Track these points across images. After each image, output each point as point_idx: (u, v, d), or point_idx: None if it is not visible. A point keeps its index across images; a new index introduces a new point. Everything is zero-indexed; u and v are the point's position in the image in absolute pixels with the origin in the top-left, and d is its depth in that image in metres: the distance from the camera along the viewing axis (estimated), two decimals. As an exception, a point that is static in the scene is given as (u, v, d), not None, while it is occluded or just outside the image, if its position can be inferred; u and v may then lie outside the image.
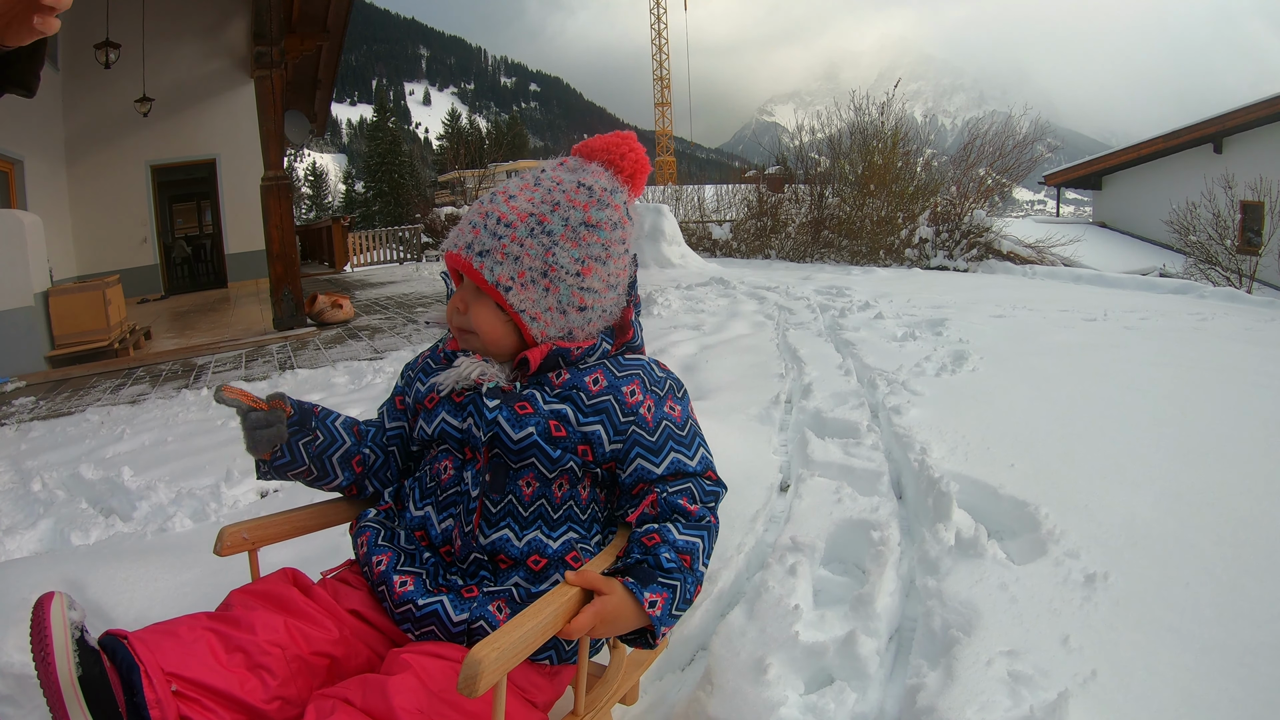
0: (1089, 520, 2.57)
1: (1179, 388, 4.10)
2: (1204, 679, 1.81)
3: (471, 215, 1.42)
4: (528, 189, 1.42)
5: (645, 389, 1.43)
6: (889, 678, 2.02)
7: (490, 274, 1.36)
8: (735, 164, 55.29)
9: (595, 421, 1.39)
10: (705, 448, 1.44)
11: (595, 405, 1.39)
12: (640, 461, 1.39)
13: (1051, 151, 18.67)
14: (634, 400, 1.40)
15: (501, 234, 1.36)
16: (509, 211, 1.38)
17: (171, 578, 1.88)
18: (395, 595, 1.36)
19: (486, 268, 1.36)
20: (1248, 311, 7.31)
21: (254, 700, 1.17)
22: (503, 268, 1.36)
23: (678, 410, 1.44)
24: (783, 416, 4.17)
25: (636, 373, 1.44)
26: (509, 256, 1.36)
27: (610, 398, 1.39)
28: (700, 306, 8.48)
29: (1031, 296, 8.32)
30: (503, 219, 1.37)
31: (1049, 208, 40.85)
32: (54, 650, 1.05)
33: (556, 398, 1.39)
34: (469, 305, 1.40)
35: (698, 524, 1.35)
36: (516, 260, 1.36)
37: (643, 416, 1.40)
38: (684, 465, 1.39)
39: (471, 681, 0.97)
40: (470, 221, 1.40)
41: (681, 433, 1.42)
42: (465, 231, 1.40)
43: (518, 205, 1.39)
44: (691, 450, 1.41)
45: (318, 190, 74.99)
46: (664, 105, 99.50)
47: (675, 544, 1.31)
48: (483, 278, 1.36)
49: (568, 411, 1.38)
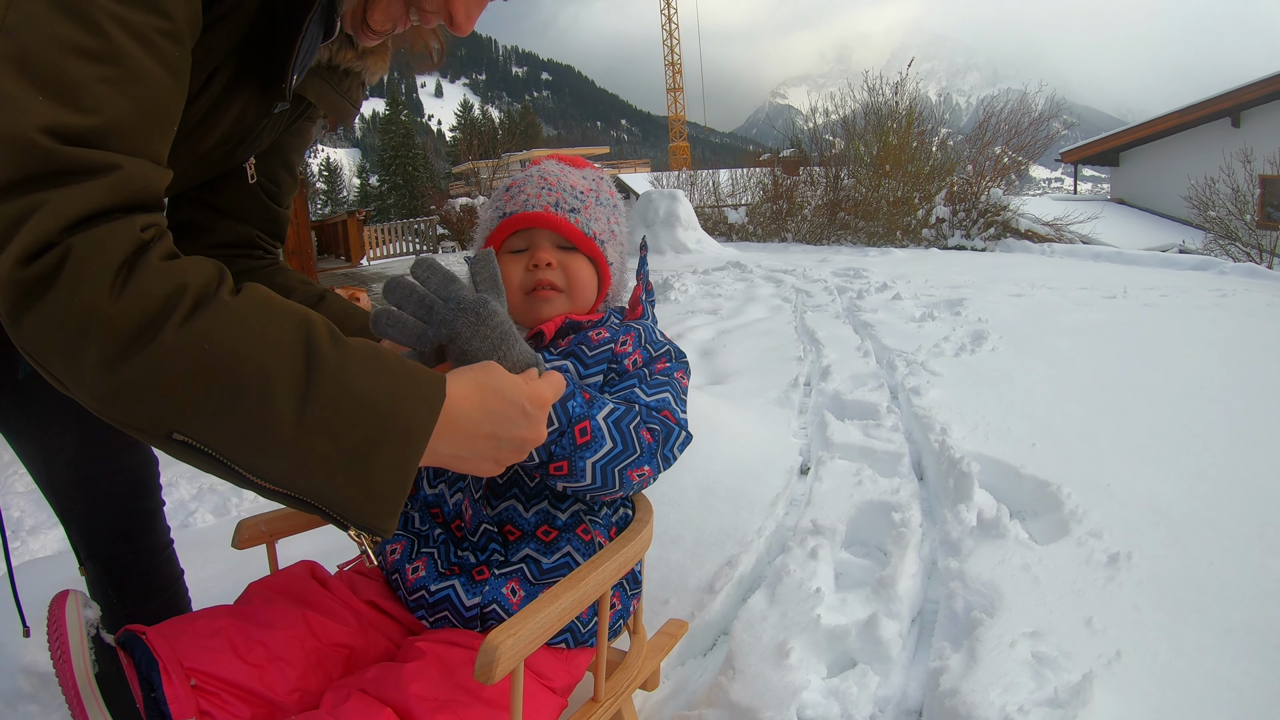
0: (1111, 500, 2.56)
1: (1200, 365, 4.06)
2: (1228, 659, 1.79)
3: (533, 184, 1.48)
4: (567, 172, 1.53)
5: (639, 344, 1.43)
6: (911, 660, 2.01)
7: (587, 228, 1.47)
8: (749, 148, 55.18)
9: (597, 372, 1.39)
10: (674, 399, 1.38)
11: (596, 356, 1.40)
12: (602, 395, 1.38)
13: (1067, 128, 18.54)
14: (622, 349, 1.41)
15: (582, 198, 1.48)
16: (576, 183, 1.50)
17: (193, 573, 1.89)
18: (408, 583, 1.36)
19: (582, 223, 1.46)
20: (1269, 287, 7.22)
21: (273, 693, 1.17)
22: (594, 224, 1.48)
23: (663, 367, 1.43)
24: (802, 399, 4.16)
25: (636, 329, 1.45)
26: (593, 217, 1.48)
27: (610, 347, 1.41)
28: (717, 291, 8.45)
29: (1050, 275, 8.26)
30: (574, 187, 1.49)
31: (1066, 185, 40.53)
32: (70, 648, 1.05)
33: (559, 355, 1.41)
34: (558, 261, 1.45)
35: (622, 405, 1.31)
36: (598, 220, 1.49)
37: (625, 366, 1.40)
38: (636, 397, 1.35)
39: (488, 668, 0.96)
40: (541, 187, 1.47)
41: (650, 377, 1.39)
42: (540, 195, 1.46)
43: (576, 180, 1.51)
44: (651, 390, 1.36)
45: (333, 185, 75.36)
46: (676, 91, 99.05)
47: (584, 385, 1.31)
48: (580, 232, 1.46)
49: (570, 366, 1.39)
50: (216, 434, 0.84)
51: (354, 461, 0.89)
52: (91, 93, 0.82)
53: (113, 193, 0.82)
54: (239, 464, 0.86)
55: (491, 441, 1.03)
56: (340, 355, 0.89)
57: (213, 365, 0.82)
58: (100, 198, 0.81)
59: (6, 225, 0.79)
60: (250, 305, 0.86)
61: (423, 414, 0.94)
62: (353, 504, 0.91)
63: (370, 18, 1.15)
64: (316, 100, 1.34)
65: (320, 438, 0.87)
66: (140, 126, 0.87)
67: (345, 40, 1.25)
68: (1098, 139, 23.16)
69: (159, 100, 0.89)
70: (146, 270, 0.81)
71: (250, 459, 0.86)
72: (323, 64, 1.28)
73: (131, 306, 0.79)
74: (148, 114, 0.88)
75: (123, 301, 0.79)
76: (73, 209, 0.79)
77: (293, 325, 0.88)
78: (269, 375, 0.84)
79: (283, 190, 1.50)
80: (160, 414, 0.82)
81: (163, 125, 0.91)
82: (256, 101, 1.22)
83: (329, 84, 1.33)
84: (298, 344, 0.86)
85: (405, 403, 0.92)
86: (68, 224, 0.79)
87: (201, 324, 0.82)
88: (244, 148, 1.33)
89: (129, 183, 0.84)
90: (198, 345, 0.81)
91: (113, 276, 0.79)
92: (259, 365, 0.84)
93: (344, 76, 1.35)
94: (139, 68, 0.86)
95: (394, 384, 0.92)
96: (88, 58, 0.83)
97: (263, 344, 0.84)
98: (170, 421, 0.83)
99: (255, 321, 0.85)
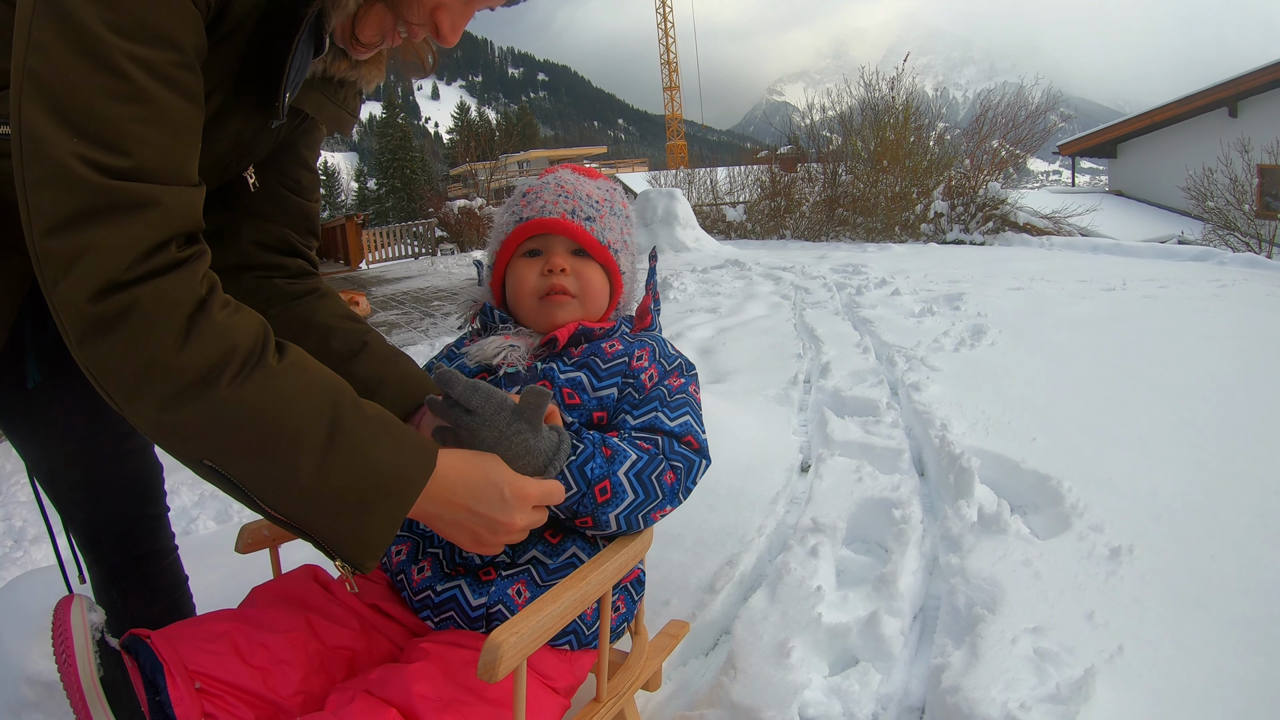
0: (1112, 493, 2.56)
1: (1201, 357, 4.06)
2: (1231, 653, 1.79)
3: (549, 191, 1.52)
4: (584, 180, 1.57)
5: (654, 359, 1.46)
6: (913, 658, 2.01)
7: (603, 237, 1.51)
8: (747, 145, 55.19)
9: (610, 385, 1.42)
10: (695, 420, 1.41)
11: (610, 369, 1.43)
12: (623, 415, 1.40)
13: (1065, 121, 18.52)
14: (639, 364, 1.44)
15: (597, 207, 1.52)
16: (593, 191, 1.54)
17: (196, 579, 1.90)
18: (414, 584, 1.37)
19: (597, 232, 1.51)
20: (1268, 277, 7.21)
21: (277, 695, 1.17)
22: (608, 233, 1.52)
23: (678, 383, 1.45)
24: (801, 397, 4.16)
25: (650, 344, 1.48)
26: (608, 226, 1.53)
27: (624, 360, 1.44)
28: (716, 289, 8.44)
29: (1049, 268, 8.25)
30: (590, 196, 1.53)
31: (1064, 178, 40.50)
32: (75, 652, 1.07)
33: (573, 366, 1.43)
34: (571, 268, 1.49)
35: (646, 452, 1.33)
36: (612, 230, 1.53)
37: (641, 381, 1.42)
38: (661, 423, 1.38)
39: (491, 666, 0.97)
40: (558, 194, 1.51)
41: (670, 398, 1.41)
42: (557, 203, 1.50)
43: (592, 190, 1.55)
44: (674, 413, 1.39)
45: (331, 189, 75.41)
46: (673, 89, 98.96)
47: (609, 442, 1.32)
48: (595, 240, 1.50)
49: (583, 378, 1.42)
50: (245, 473, 0.99)
51: (354, 510, 1.03)
52: (125, 132, 0.91)
53: (164, 224, 0.93)
54: (257, 496, 1.00)
55: (467, 513, 1.15)
56: (358, 424, 1.04)
57: (254, 421, 0.96)
58: (155, 231, 0.92)
59: (68, 259, 0.89)
60: (290, 370, 1.01)
61: (414, 477, 1.08)
62: (344, 543, 1.05)
63: (359, 33, 1.17)
64: (314, 112, 1.36)
65: (331, 489, 1.01)
66: (173, 156, 0.96)
67: (339, 52, 1.26)
68: (1095, 131, 23.15)
69: (184, 127, 0.98)
70: (207, 327, 0.94)
71: (268, 495, 1.01)
72: (318, 76, 1.29)
73: (192, 361, 0.92)
74: (177, 143, 0.97)
75: (184, 356, 0.92)
76: (133, 245, 0.91)
77: (324, 394, 1.03)
78: (299, 435, 0.98)
79: (304, 186, 1.52)
80: (204, 450, 0.97)
81: (190, 149, 1.00)
82: (254, 118, 1.25)
83: (325, 96, 1.35)
84: (325, 411, 1.02)
85: (403, 467, 1.07)
86: (131, 260, 0.90)
87: (250, 385, 0.96)
88: (240, 160, 1.35)
89: (175, 212, 0.95)
90: (244, 403, 0.95)
91: (178, 331, 0.92)
92: (291, 425, 0.98)
93: (340, 87, 1.36)
94: (163, 102, 0.94)
95: (397, 451, 1.07)
96: (115, 98, 0.90)
97: (297, 408, 0.99)
98: (208, 455, 0.97)
99: (293, 388, 1.00)
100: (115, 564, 1.70)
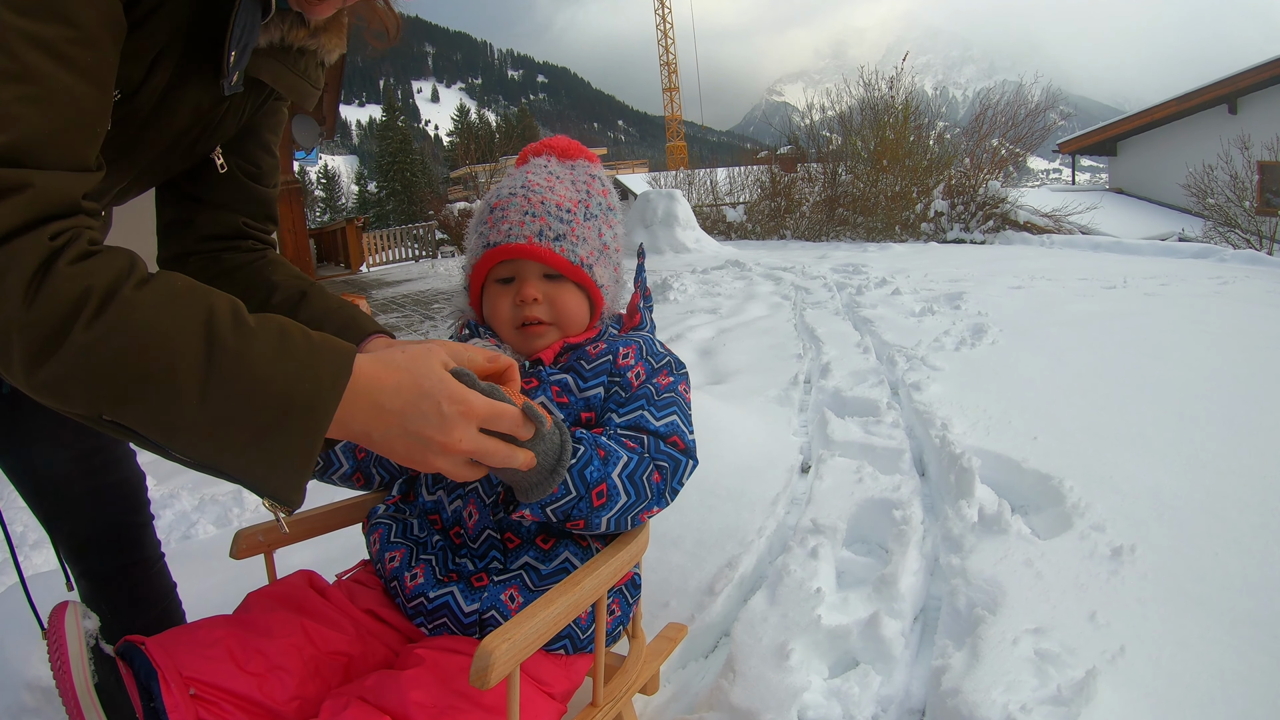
0: (1114, 492, 2.55)
1: (1202, 354, 4.06)
2: (1235, 652, 1.78)
3: (516, 208, 1.43)
4: (554, 180, 1.48)
5: (640, 356, 1.43)
6: (914, 659, 2.00)
7: (573, 255, 1.42)
8: (747, 146, 55.20)
9: (596, 385, 1.40)
10: (683, 420, 1.38)
11: (595, 369, 1.41)
12: (609, 414, 1.38)
13: (1064, 119, 18.50)
14: (625, 362, 1.41)
15: (566, 219, 1.43)
16: (562, 198, 1.45)
17: (193, 585, 1.90)
18: (407, 590, 1.36)
19: (567, 250, 1.42)
20: (1269, 274, 7.20)
21: (272, 701, 1.17)
22: (580, 248, 1.43)
23: (666, 382, 1.42)
24: (802, 397, 4.15)
25: (636, 341, 1.45)
26: (580, 238, 1.44)
27: (609, 358, 1.41)
28: (716, 290, 8.44)
29: (1050, 266, 8.24)
30: (560, 205, 1.44)
31: (1064, 176, 40.49)
32: (69, 659, 1.07)
33: (559, 369, 1.42)
34: (544, 294, 1.43)
35: (634, 452, 1.31)
36: (585, 241, 1.44)
37: (628, 379, 1.40)
38: (646, 422, 1.35)
39: (483, 673, 0.96)
40: (524, 212, 1.42)
41: (657, 396, 1.38)
42: (524, 223, 1.41)
43: (562, 194, 1.46)
44: (660, 412, 1.36)
45: (331, 192, 75.49)
46: (672, 90, 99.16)
47: (600, 442, 1.28)
48: (566, 260, 1.42)
49: (569, 380, 1.40)
50: (135, 417, 0.90)
51: (260, 438, 0.92)
52: (5, 112, 0.85)
53: (27, 209, 0.86)
54: (159, 442, 0.92)
55: (398, 426, 1.01)
56: (240, 339, 0.92)
57: (119, 358, 0.86)
58: (16, 215, 0.85)
59: None
60: (154, 297, 0.90)
61: (326, 389, 0.95)
62: (261, 477, 0.95)
63: None
64: (273, 82, 1.32)
65: (224, 417, 0.90)
66: (59, 139, 0.90)
67: (296, 18, 1.24)
68: (1095, 129, 23.15)
69: (77, 108, 0.92)
70: (54, 277, 0.85)
71: (167, 438, 0.91)
72: (276, 45, 1.26)
73: (42, 314, 0.84)
74: (66, 125, 0.91)
75: (34, 310, 0.84)
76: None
77: (194, 313, 0.91)
78: (171, 364, 0.88)
79: (264, 171, 1.49)
80: (86, 402, 0.88)
81: (86, 131, 0.94)
82: (210, 89, 1.22)
83: (284, 65, 1.32)
84: (198, 331, 0.90)
85: (307, 380, 0.94)
86: None
87: (106, 321, 0.86)
88: (207, 137, 1.33)
89: (43, 197, 0.88)
90: (104, 341, 0.86)
91: (24, 288, 0.84)
92: (161, 354, 0.88)
93: (299, 56, 1.33)
94: (51, 81, 0.89)
95: (296, 363, 0.94)
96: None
97: (164, 334, 0.88)
98: (97, 407, 0.89)
99: (158, 312, 0.89)
100: (103, 574, 1.69)
